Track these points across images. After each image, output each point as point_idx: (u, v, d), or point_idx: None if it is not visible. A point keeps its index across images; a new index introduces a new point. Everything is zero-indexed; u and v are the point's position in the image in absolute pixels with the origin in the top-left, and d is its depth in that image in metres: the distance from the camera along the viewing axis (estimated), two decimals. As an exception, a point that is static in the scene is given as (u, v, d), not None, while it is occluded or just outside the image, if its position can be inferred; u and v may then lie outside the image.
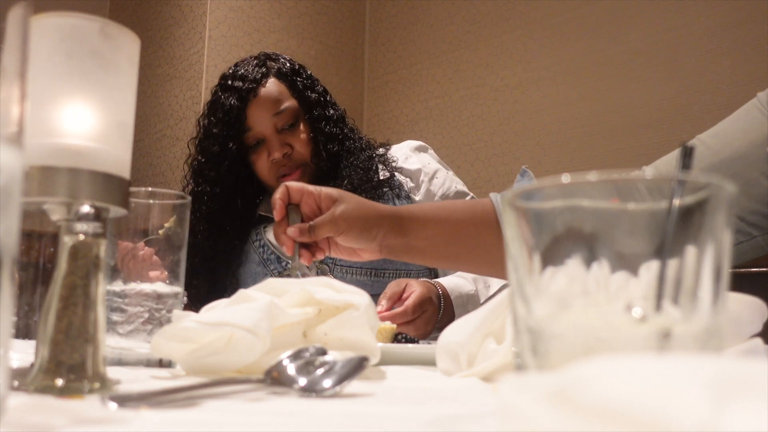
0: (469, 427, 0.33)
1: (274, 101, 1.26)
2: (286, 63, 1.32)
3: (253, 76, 1.27)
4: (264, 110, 1.25)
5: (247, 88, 1.25)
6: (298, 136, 1.27)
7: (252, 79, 1.26)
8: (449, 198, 1.30)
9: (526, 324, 0.29)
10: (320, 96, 1.33)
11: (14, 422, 0.30)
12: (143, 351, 0.60)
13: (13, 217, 0.29)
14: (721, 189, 0.27)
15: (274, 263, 1.26)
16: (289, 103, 1.27)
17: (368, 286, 1.20)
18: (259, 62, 1.30)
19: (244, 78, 1.27)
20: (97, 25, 0.44)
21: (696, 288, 0.27)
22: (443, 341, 0.56)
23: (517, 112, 2.47)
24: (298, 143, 1.27)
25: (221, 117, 1.26)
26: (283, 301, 0.56)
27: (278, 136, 1.26)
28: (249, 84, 1.25)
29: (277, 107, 1.26)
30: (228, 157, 1.26)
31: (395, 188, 1.28)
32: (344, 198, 0.82)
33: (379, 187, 1.26)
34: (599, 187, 0.28)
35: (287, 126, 1.27)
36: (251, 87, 1.25)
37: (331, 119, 1.31)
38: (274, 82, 1.28)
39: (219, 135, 1.26)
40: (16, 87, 0.29)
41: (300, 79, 1.31)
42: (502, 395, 0.21)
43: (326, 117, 1.31)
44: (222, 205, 1.29)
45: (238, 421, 0.33)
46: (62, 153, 0.43)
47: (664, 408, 0.17)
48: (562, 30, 2.37)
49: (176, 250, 0.64)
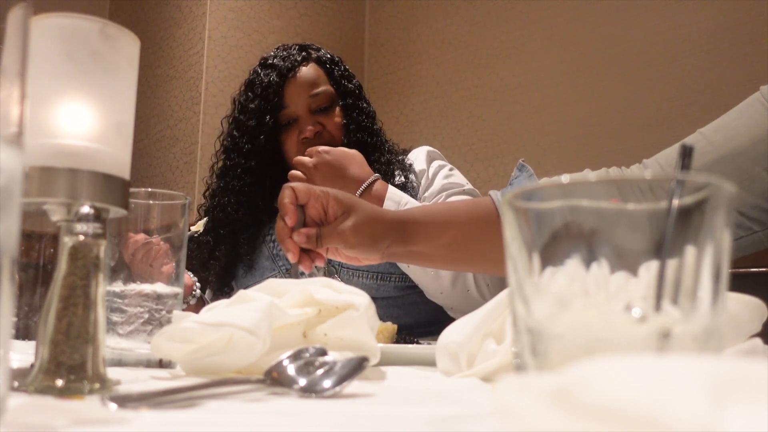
0: (468, 427, 0.33)
1: (312, 83, 1.29)
2: (326, 53, 1.36)
3: (294, 57, 1.30)
4: (301, 89, 1.28)
5: (287, 66, 1.28)
6: (331, 119, 1.30)
7: (293, 60, 1.30)
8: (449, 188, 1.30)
9: (526, 324, 0.29)
10: (356, 88, 1.35)
11: (14, 423, 0.30)
12: (143, 351, 0.60)
13: (13, 218, 0.29)
14: (721, 189, 0.27)
15: (283, 259, 1.26)
16: (326, 87, 1.30)
17: (374, 289, 1.20)
18: (301, 48, 1.34)
19: (285, 58, 1.30)
20: (96, 25, 0.44)
21: (695, 288, 0.27)
22: (443, 341, 0.56)
23: (516, 112, 2.47)
24: (330, 125, 1.29)
25: (259, 92, 1.28)
26: (284, 301, 0.56)
27: (311, 116, 1.28)
28: (290, 63, 1.29)
29: (314, 88, 1.28)
30: (264, 131, 1.28)
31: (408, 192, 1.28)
32: (354, 208, 0.80)
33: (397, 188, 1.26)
34: (599, 187, 0.28)
35: (322, 108, 1.29)
36: (291, 66, 1.29)
37: (364, 111, 1.34)
38: (313, 66, 1.31)
39: (256, 110, 1.28)
40: (16, 87, 0.29)
41: (338, 68, 1.35)
42: (501, 395, 0.21)
43: (360, 108, 1.33)
44: (254, 179, 1.30)
45: (238, 421, 0.33)
46: (62, 154, 0.43)
47: (663, 408, 0.17)
48: (562, 30, 2.37)
49: (176, 251, 0.64)
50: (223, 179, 1.32)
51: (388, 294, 1.23)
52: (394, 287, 1.23)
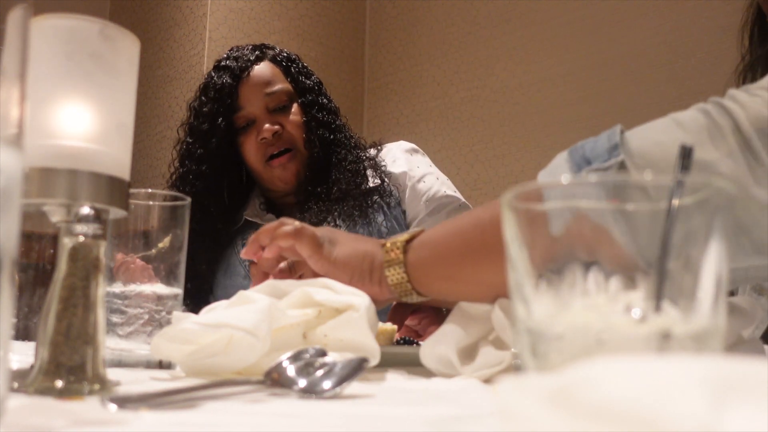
0: (468, 427, 0.33)
1: (266, 81, 1.24)
2: (282, 51, 1.31)
3: (248, 57, 1.26)
4: (256, 89, 1.23)
5: (240, 67, 1.24)
6: (289, 117, 1.24)
7: (246, 60, 1.25)
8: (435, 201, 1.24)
9: (526, 325, 0.29)
10: (315, 85, 1.30)
11: (14, 423, 0.30)
12: (143, 352, 0.60)
13: (13, 219, 0.29)
14: (721, 189, 0.27)
15: None
16: (282, 85, 1.25)
17: None
18: (255, 47, 1.30)
19: (237, 59, 1.25)
20: (97, 26, 0.44)
21: (695, 289, 0.27)
22: (426, 351, 0.56)
23: (517, 113, 2.47)
24: (289, 124, 1.24)
25: (212, 96, 1.23)
26: (284, 302, 0.56)
27: (269, 116, 1.23)
28: (243, 63, 1.24)
29: (269, 87, 1.24)
30: (217, 133, 1.23)
31: (385, 197, 1.24)
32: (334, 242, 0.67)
33: (369, 195, 1.22)
34: (598, 187, 0.28)
35: (279, 107, 1.24)
36: (245, 66, 1.24)
37: (324, 107, 1.28)
38: (268, 64, 1.26)
39: (209, 113, 1.23)
40: (16, 88, 0.29)
41: (294, 65, 1.29)
42: (501, 396, 0.21)
43: (320, 104, 1.27)
44: (208, 185, 1.24)
45: (237, 422, 0.33)
46: (62, 154, 0.43)
47: (663, 409, 0.17)
48: (563, 32, 2.37)
49: (176, 252, 0.64)
50: (177, 189, 1.25)
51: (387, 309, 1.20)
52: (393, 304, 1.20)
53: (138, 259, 0.64)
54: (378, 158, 1.30)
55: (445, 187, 1.28)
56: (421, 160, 1.34)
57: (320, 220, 1.18)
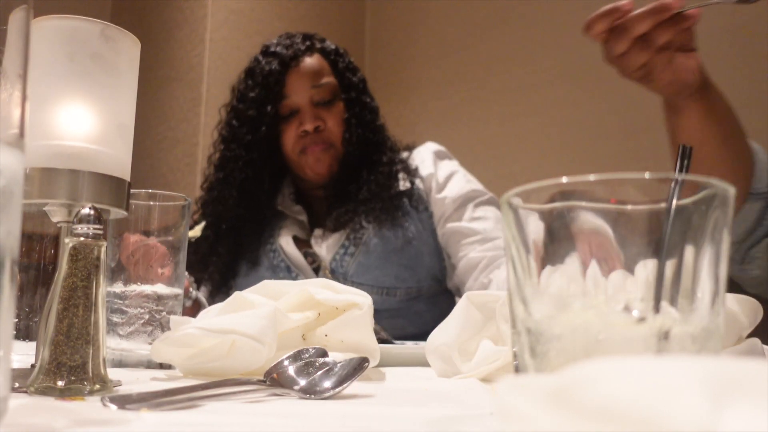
0: (468, 427, 0.33)
1: (315, 73, 1.23)
2: (331, 44, 1.31)
3: (298, 46, 1.25)
4: (304, 80, 1.22)
5: (290, 55, 1.23)
6: (333, 113, 1.23)
7: (296, 49, 1.24)
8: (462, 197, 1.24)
9: (525, 325, 0.29)
10: (360, 82, 1.30)
11: (15, 423, 0.30)
12: (144, 352, 0.60)
13: (15, 219, 0.29)
14: (720, 190, 0.27)
15: (283, 271, 1.21)
16: (329, 79, 1.24)
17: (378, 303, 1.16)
18: (305, 37, 1.29)
19: (288, 47, 1.25)
20: (97, 27, 0.44)
21: (694, 289, 0.27)
22: (431, 346, 0.56)
23: (517, 114, 2.47)
24: (331, 120, 1.23)
25: (260, 81, 1.23)
26: (282, 302, 0.56)
27: (313, 108, 1.22)
28: (293, 52, 1.23)
29: (317, 80, 1.23)
30: (265, 121, 1.22)
31: (414, 199, 1.24)
32: None
33: (398, 198, 1.22)
34: (598, 188, 0.28)
35: (324, 101, 1.23)
36: (294, 55, 1.23)
37: (367, 107, 1.28)
38: (317, 56, 1.26)
39: (256, 99, 1.22)
40: (18, 89, 0.29)
41: (342, 60, 1.29)
42: (501, 396, 0.21)
43: (363, 103, 1.27)
44: (255, 172, 1.24)
45: (238, 422, 0.33)
46: (63, 155, 0.43)
47: (662, 409, 0.17)
48: (563, 32, 2.37)
49: (176, 252, 0.65)
50: (222, 171, 1.26)
51: (392, 306, 1.20)
52: (398, 301, 1.19)
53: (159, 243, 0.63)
54: (409, 161, 1.30)
55: (472, 184, 1.29)
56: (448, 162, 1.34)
57: (346, 220, 1.19)
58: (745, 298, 0.48)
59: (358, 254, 1.17)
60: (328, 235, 1.20)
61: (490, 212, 1.23)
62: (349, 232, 1.18)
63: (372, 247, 1.18)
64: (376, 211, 1.19)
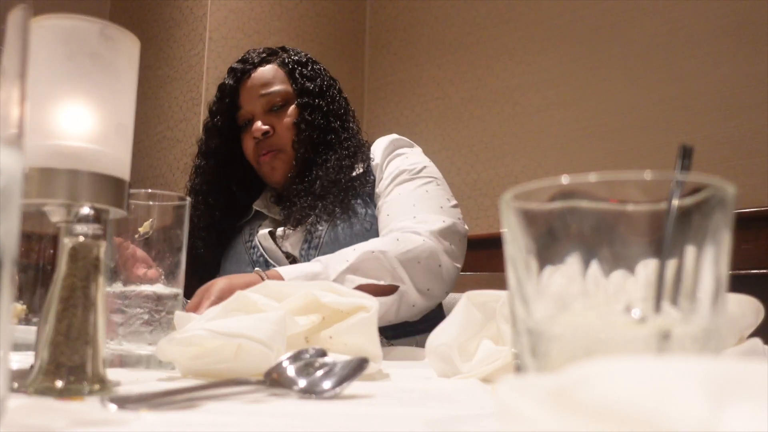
0: (468, 427, 0.33)
1: (264, 83, 1.30)
2: (295, 55, 1.36)
3: (253, 60, 1.33)
4: (254, 90, 1.30)
5: (242, 69, 1.32)
6: (282, 119, 1.29)
7: (251, 63, 1.32)
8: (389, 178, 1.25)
9: (526, 325, 0.29)
10: (318, 87, 1.33)
11: (14, 423, 0.30)
12: (144, 352, 0.60)
13: (13, 219, 0.29)
14: (721, 190, 0.27)
15: (262, 266, 1.26)
16: (280, 87, 1.30)
17: None
18: (266, 50, 1.36)
19: (245, 61, 1.33)
20: (97, 26, 0.44)
21: (695, 289, 0.27)
22: (431, 346, 0.56)
23: (517, 113, 2.47)
24: (280, 126, 1.29)
25: (219, 96, 1.33)
26: (287, 305, 0.56)
27: (264, 116, 1.29)
28: (246, 66, 1.32)
29: (267, 88, 1.30)
30: (220, 131, 1.32)
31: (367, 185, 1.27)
32: None
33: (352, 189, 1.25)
34: (598, 188, 0.28)
35: (275, 108, 1.29)
36: (247, 68, 1.32)
37: (320, 110, 1.31)
38: (271, 67, 1.32)
39: (216, 112, 1.34)
40: (16, 88, 0.29)
41: (303, 69, 1.34)
42: (501, 396, 0.21)
43: (316, 106, 1.31)
44: (212, 179, 1.33)
45: (237, 422, 0.33)
46: (62, 155, 0.43)
47: (663, 408, 0.17)
48: (562, 32, 2.37)
49: (175, 252, 0.64)
50: (191, 181, 1.36)
51: None
52: None
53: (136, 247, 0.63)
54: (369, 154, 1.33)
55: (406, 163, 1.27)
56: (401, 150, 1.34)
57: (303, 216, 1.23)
58: (746, 299, 0.48)
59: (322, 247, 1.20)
60: (289, 233, 1.25)
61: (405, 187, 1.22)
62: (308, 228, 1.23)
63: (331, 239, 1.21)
64: (330, 206, 1.23)
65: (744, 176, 1.84)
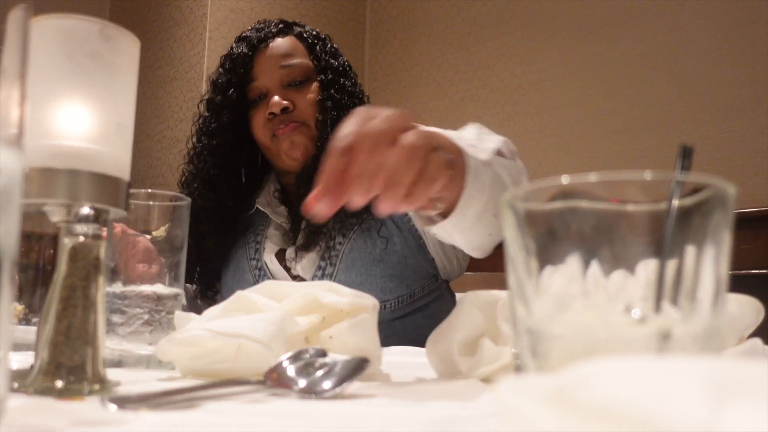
0: (468, 427, 0.33)
1: (284, 54, 1.15)
2: (312, 30, 1.22)
3: (270, 29, 1.18)
4: (272, 60, 1.14)
5: (259, 38, 1.16)
6: (304, 95, 1.14)
7: (267, 31, 1.17)
8: None
9: (526, 325, 0.29)
10: (340, 66, 1.19)
11: (14, 423, 0.30)
12: (143, 352, 0.60)
13: (13, 219, 0.29)
14: (721, 190, 0.27)
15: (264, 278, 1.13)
16: (301, 60, 1.16)
17: None
18: (282, 22, 1.22)
19: (259, 30, 1.18)
20: (97, 26, 0.44)
21: (695, 289, 0.27)
22: (431, 346, 0.56)
23: (517, 113, 2.47)
24: (302, 101, 1.13)
25: (228, 66, 1.16)
26: (286, 305, 0.56)
27: (282, 90, 1.13)
28: (263, 34, 1.16)
29: (287, 60, 1.14)
30: (228, 106, 1.14)
31: None
32: None
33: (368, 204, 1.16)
34: (598, 188, 0.28)
35: (295, 83, 1.14)
36: (264, 37, 1.16)
37: (346, 90, 1.16)
38: (290, 38, 1.18)
39: (224, 84, 1.16)
40: (16, 88, 0.29)
41: (322, 44, 1.20)
42: (501, 396, 0.21)
43: (341, 86, 1.16)
44: (221, 161, 1.16)
45: (237, 422, 0.33)
46: (62, 155, 0.43)
47: (663, 409, 0.17)
48: (563, 32, 2.37)
49: (176, 252, 0.64)
50: (192, 164, 1.18)
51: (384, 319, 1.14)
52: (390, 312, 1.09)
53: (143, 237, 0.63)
54: None
55: None
56: None
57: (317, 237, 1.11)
58: (746, 299, 0.48)
59: (337, 273, 1.08)
60: (302, 254, 1.11)
61: None
62: (323, 249, 1.10)
63: (350, 263, 1.09)
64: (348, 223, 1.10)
65: (744, 176, 1.84)
